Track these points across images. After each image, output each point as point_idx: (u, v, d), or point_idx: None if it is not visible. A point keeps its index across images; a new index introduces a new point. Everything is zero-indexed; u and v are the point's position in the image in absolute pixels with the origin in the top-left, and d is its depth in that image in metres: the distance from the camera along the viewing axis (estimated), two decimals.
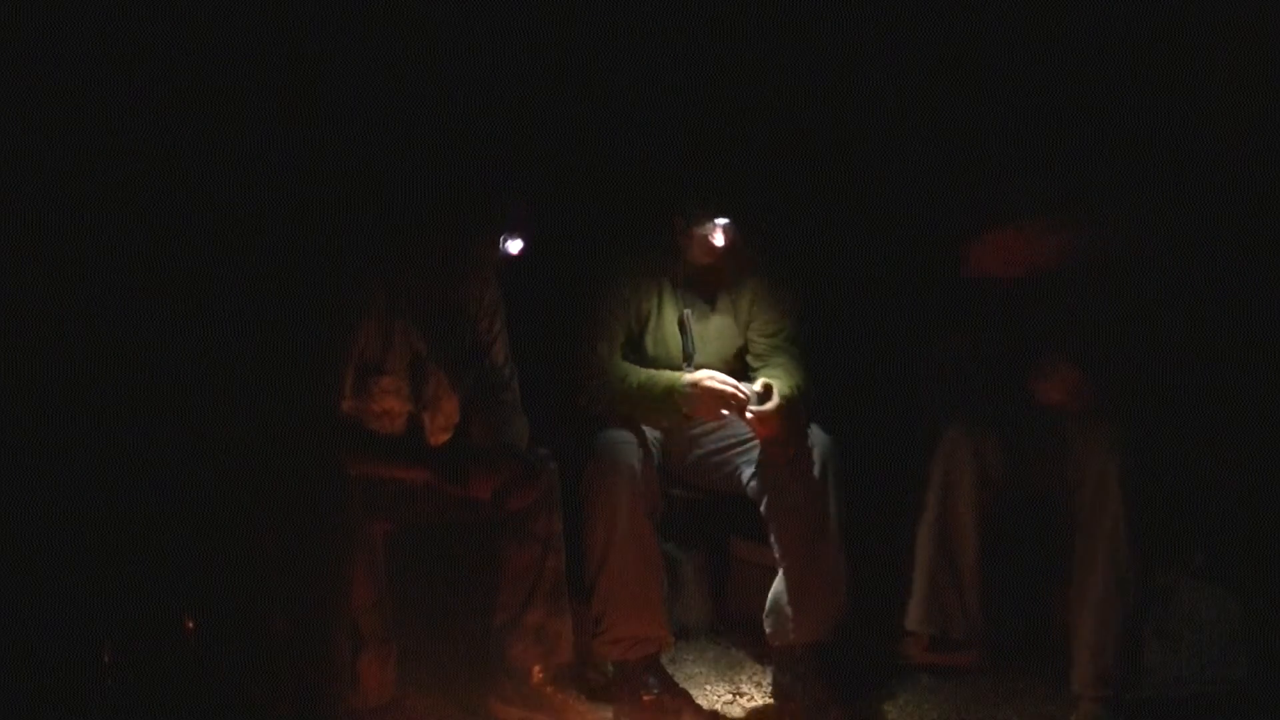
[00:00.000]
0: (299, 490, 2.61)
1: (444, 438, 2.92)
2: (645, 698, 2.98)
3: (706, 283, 3.19)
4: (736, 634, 3.41)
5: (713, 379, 2.99)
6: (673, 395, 3.00)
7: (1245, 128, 3.44)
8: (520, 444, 2.94)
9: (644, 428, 3.07)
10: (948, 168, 3.47)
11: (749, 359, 3.24)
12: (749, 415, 2.96)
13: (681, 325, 3.16)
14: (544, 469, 2.88)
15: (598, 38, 3.72)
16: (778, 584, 3.04)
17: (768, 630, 3.07)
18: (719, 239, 3.06)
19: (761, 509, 3.07)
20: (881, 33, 3.76)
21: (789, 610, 3.01)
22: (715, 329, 3.20)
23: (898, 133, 3.75)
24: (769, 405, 2.97)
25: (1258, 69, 3.46)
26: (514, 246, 2.82)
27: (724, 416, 3.01)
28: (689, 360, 3.14)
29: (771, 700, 3.10)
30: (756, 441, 3.07)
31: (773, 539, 3.06)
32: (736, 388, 2.97)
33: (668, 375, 3.05)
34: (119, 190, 3.04)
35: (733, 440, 3.15)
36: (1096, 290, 2.98)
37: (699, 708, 3.02)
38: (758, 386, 3.01)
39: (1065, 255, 3.02)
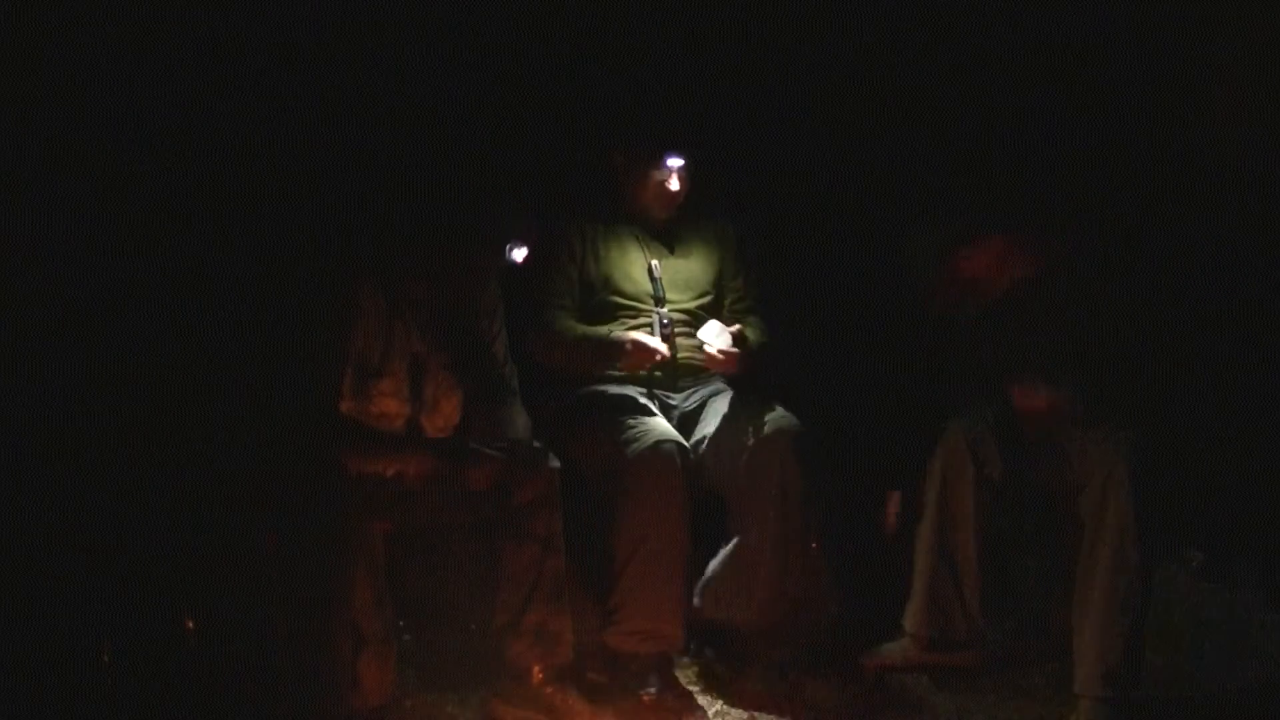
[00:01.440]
0: (299, 490, 2.61)
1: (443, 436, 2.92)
2: (645, 698, 2.98)
3: (670, 229, 3.29)
4: (736, 634, 3.40)
5: (636, 338, 3.09)
6: (606, 348, 3.13)
7: (1244, 128, 3.44)
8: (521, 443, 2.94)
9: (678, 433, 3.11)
10: (942, 172, 3.47)
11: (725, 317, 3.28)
12: (709, 350, 3.07)
13: (650, 274, 3.24)
14: (544, 463, 2.88)
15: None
16: (726, 553, 3.05)
17: (697, 600, 3.07)
18: (674, 184, 3.09)
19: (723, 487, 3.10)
20: (881, 32, 3.76)
21: (730, 583, 3.03)
22: (684, 276, 3.30)
23: (897, 132, 3.75)
24: (731, 346, 3.10)
25: (1256, 70, 3.46)
26: (519, 254, 2.85)
27: (647, 367, 3.15)
28: (660, 305, 3.23)
29: (771, 700, 3.09)
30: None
31: (731, 511, 3.08)
32: (656, 348, 3.07)
33: (602, 330, 3.19)
34: (119, 190, 3.04)
35: (720, 435, 3.16)
36: (1095, 292, 2.98)
37: (699, 708, 3.01)
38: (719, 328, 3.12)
39: (1021, 270, 3.02)
